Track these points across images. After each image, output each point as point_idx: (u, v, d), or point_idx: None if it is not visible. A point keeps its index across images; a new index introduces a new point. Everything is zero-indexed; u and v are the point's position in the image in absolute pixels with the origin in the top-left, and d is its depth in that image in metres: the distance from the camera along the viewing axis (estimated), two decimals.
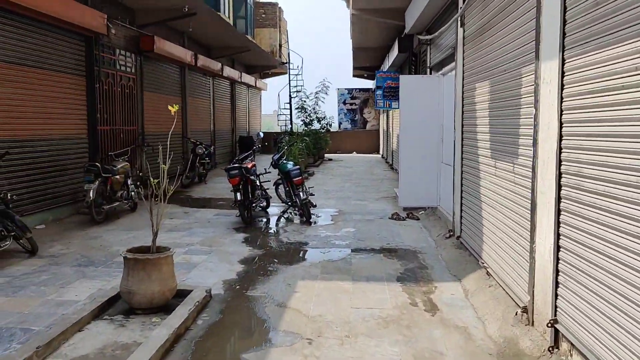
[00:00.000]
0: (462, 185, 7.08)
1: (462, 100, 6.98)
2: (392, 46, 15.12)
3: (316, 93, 22.65)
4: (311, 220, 9.37)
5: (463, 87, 6.94)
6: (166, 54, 13.32)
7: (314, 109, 22.55)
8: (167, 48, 13.30)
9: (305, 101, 22.63)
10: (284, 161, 10.39)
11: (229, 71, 19.53)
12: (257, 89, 25.70)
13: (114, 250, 7.23)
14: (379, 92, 15.79)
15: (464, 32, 6.85)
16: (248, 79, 22.91)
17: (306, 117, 22.29)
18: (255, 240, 8.06)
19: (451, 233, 7.57)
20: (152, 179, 4.74)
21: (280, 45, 25.57)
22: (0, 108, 7.93)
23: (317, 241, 7.94)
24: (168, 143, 5.01)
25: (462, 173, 7.08)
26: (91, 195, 8.59)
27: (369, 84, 28.68)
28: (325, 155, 24.69)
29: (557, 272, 3.84)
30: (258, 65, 24.14)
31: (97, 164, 9.05)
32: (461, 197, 7.10)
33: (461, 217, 7.09)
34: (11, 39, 8.16)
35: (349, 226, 8.99)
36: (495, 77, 5.48)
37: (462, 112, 6.99)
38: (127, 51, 12.06)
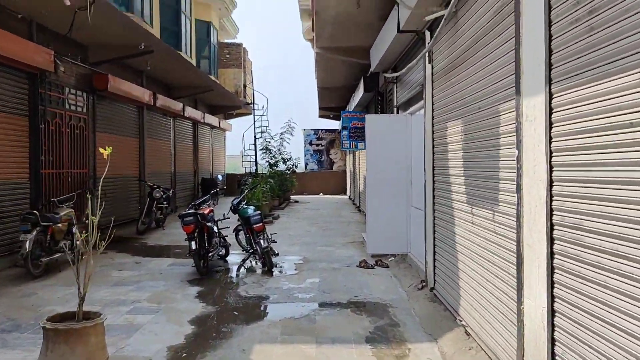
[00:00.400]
0: (434, 232, 6.54)
1: (433, 141, 6.52)
2: (357, 85, 14.84)
3: (281, 134, 22.23)
4: (273, 270, 8.67)
5: (433, 126, 6.49)
6: (122, 93, 12.63)
7: (279, 149, 22.06)
8: (123, 87, 12.64)
9: (269, 142, 22.14)
10: (244, 206, 9.73)
11: (190, 111, 18.93)
12: (221, 129, 25.11)
13: (47, 310, 6.32)
14: (344, 132, 15.40)
15: (432, 68, 6.46)
16: (211, 119, 22.33)
17: (271, 158, 21.73)
18: (210, 294, 7.29)
19: (424, 284, 6.98)
20: (77, 232, 4.02)
21: (244, 86, 25.21)
22: None
23: (279, 294, 7.23)
24: (100, 188, 4.32)
25: (434, 219, 6.56)
26: (27, 246, 7.72)
27: (335, 124, 28.48)
28: (292, 197, 24.08)
29: (552, 341, 3.26)
30: (222, 105, 23.63)
31: (35, 211, 8.20)
32: (434, 244, 6.55)
33: (434, 266, 6.53)
34: None
35: (314, 276, 8.32)
36: (469, 115, 5.02)
37: (433, 152, 6.52)
38: (78, 90, 11.34)
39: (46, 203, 9.39)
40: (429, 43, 6.43)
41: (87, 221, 10.70)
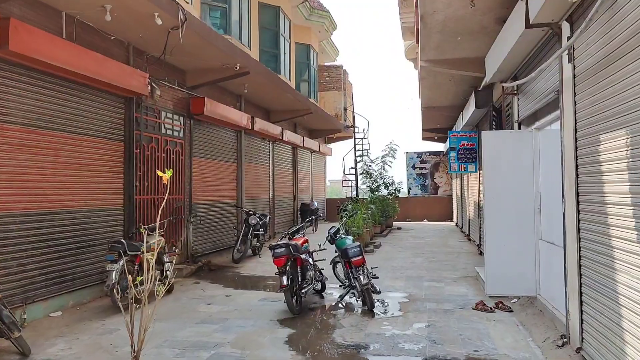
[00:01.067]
0: (580, 275, 5.13)
1: (576, 159, 5.16)
2: (467, 102, 13.49)
3: (383, 157, 21.14)
4: (374, 309, 7.57)
5: (576, 141, 5.14)
6: (219, 117, 12.33)
7: (380, 173, 20.96)
8: (220, 110, 12.33)
9: (370, 165, 21.11)
10: (343, 235, 8.75)
11: (289, 135, 18.52)
12: (321, 153, 24.59)
13: (123, 353, 5.75)
14: (452, 154, 14.06)
15: (573, 69, 5.14)
16: (311, 143, 21.85)
17: (372, 183, 20.68)
18: (302, 339, 6.35)
19: (565, 340, 5.53)
20: (131, 277, 3.25)
21: (345, 109, 24.56)
22: (8, 177, 6.88)
23: (380, 343, 6.11)
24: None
25: (579, 258, 5.15)
26: (113, 277, 7.29)
27: (440, 147, 26.92)
28: (394, 223, 22.83)
29: None
30: (322, 129, 23.13)
31: (122, 240, 7.80)
32: (580, 291, 5.13)
33: (581, 319, 5.09)
34: (34, 100, 7.26)
35: (422, 319, 7.11)
36: (638, 122, 3.69)
37: (577, 174, 5.15)
38: (175, 114, 11.14)
39: (136, 231, 9.05)
40: (569, 37, 5.12)
41: (176, 250, 10.37)
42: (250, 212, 12.95)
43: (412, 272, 10.87)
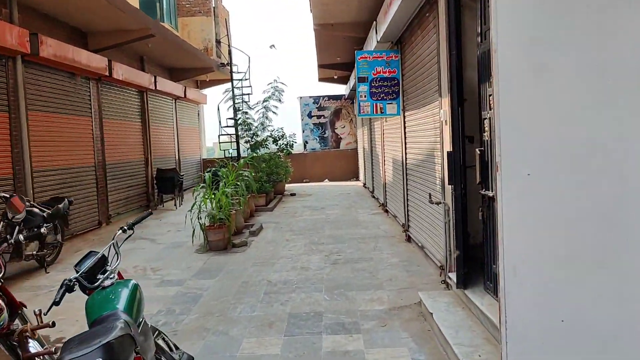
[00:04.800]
0: None
1: None
2: (380, 7, 8.50)
3: (264, 100, 15.75)
4: None
5: None
6: None
7: (262, 123, 15.66)
8: None
9: (247, 113, 15.68)
10: (110, 280, 3.39)
11: (129, 73, 12.67)
12: (190, 101, 18.75)
13: None
14: (362, 87, 9.12)
15: None
16: (171, 86, 16.02)
17: (251, 137, 15.39)
18: None
19: None
20: None
21: (218, 41, 18.81)
22: None
23: None
24: None
25: None
26: None
27: (341, 89, 22.09)
28: (287, 187, 17.90)
29: None
30: (188, 67, 17.30)
31: None
32: None
33: None
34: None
35: None
36: None
37: None
38: None
39: None
40: None
41: None
42: (10, 196, 7.20)
43: (300, 301, 5.92)
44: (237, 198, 10.11)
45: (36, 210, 7.49)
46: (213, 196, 9.05)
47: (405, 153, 8.79)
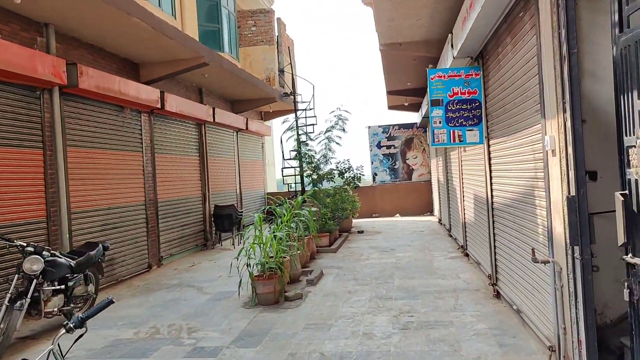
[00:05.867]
0: None
1: None
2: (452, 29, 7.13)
3: (327, 131, 14.53)
4: None
5: None
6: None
7: (325, 155, 14.43)
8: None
9: (307, 144, 14.53)
10: None
11: (185, 105, 11.97)
12: (253, 133, 18.00)
13: None
14: (435, 113, 7.69)
15: None
16: (231, 118, 15.27)
17: (313, 170, 14.18)
18: None
19: None
20: None
21: (282, 70, 18.02)
22: None
23: None
24: None
25: None
26: None
27: (412, 117, 20.63)
28: (354, 222, 16.54)
29: None
30: (248, 98, 16.55)
31: None
32: None
33: None
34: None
35: None
36: None
37: None
38: None
39: None
40: None
41: None
42: (30, 248, 6.30)
43: None
44: (293, 240, 8.88)
45: (60, 260, 6.59)
46: (262, 242, 7.86)
47: (491, 189, 7.23)
